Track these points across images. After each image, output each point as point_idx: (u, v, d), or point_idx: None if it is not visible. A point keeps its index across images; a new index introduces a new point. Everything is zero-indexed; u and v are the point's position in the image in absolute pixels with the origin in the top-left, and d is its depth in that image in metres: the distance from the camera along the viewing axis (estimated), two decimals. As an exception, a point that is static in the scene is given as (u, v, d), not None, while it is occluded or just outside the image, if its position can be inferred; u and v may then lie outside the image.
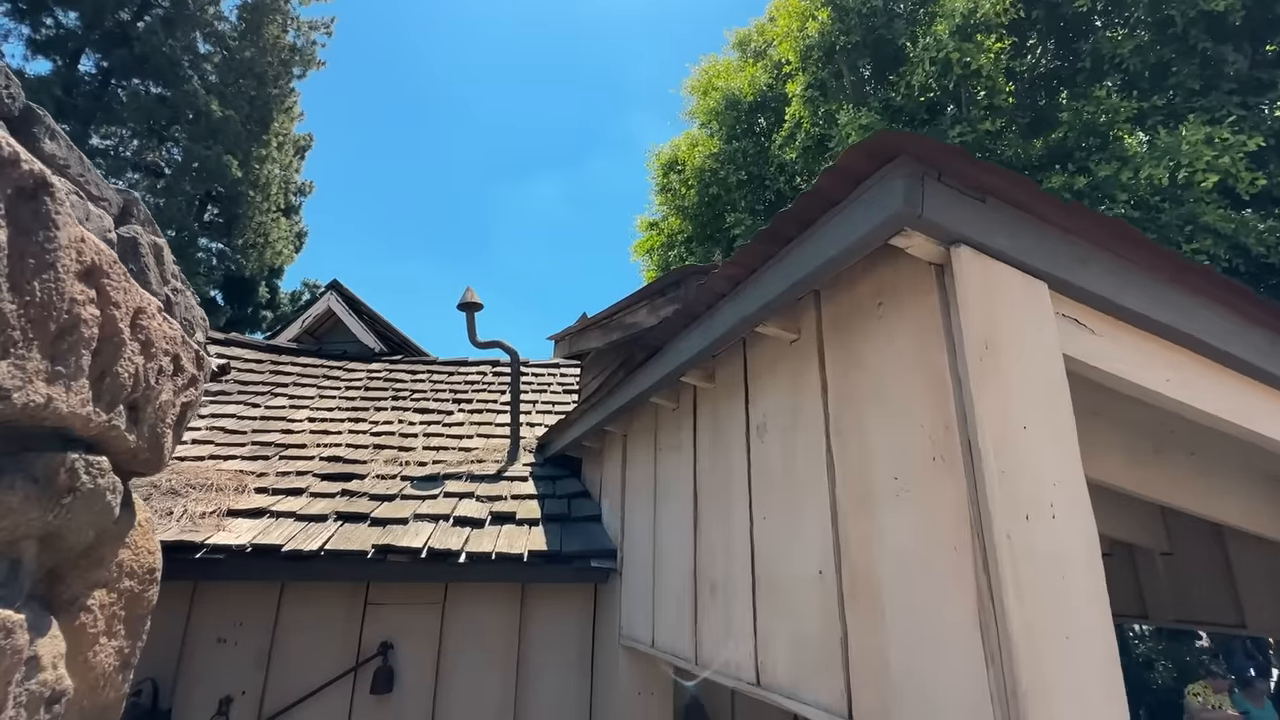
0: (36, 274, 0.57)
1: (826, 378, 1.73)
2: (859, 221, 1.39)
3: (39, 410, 0.59)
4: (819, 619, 1.61)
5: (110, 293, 0.69)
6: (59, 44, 18.14)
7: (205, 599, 3.11)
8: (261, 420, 4.61)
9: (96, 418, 0.69)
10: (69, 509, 0.67)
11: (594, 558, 3.16)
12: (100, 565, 0.82)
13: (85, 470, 0.68)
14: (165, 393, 0.87)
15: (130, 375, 0.75)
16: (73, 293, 0.62)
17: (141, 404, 0.80)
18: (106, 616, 0.83)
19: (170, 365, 0.87)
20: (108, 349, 0.70)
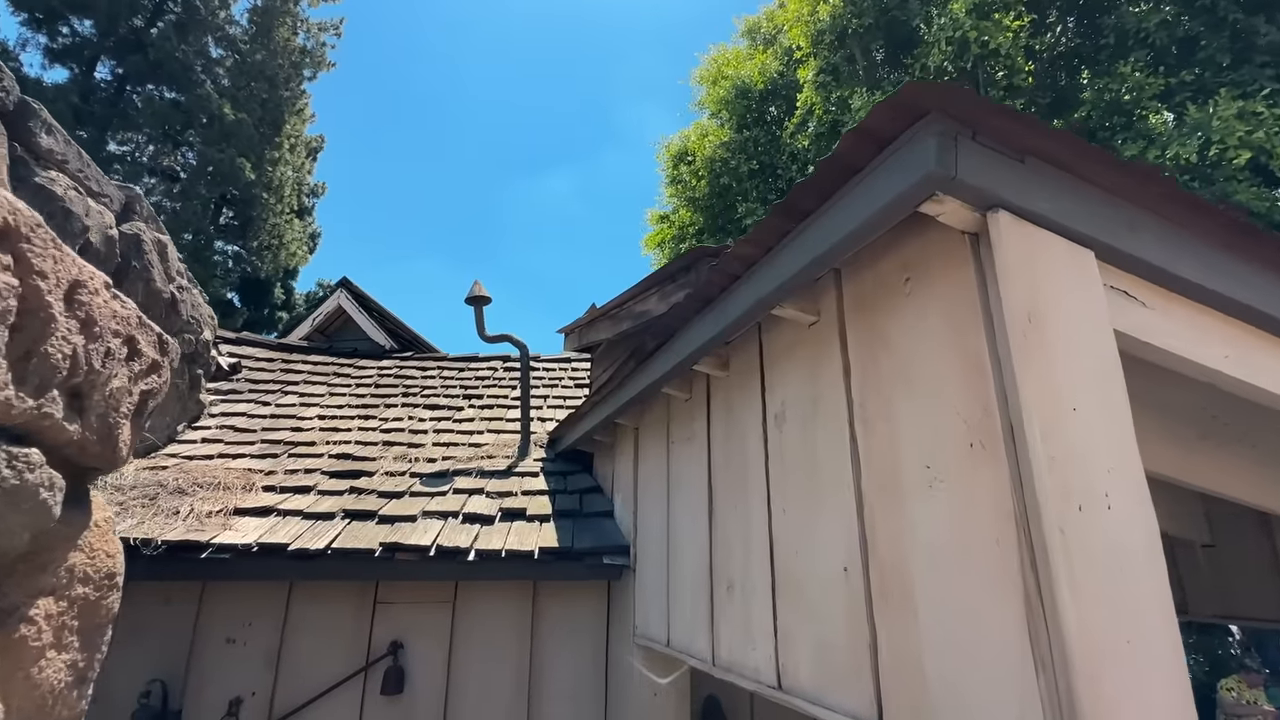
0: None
1: (849, 361, 1.62)
2: (885, 188, 1.27)
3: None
4: (845, 620, 1.50)
5: (32, 260, 0.60)
6: (75, 52, 18.36)
7: (214, 599, 3.07)
8: (271, 418, 4.58)
9: (20, 403, 0.60)
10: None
11: (606, 554, 3.07)
12: (44, 571, 0.73)
13: (7, 463, 0.60)
14: (118, 379, 0.78)
15: (65, 357, 0.66)
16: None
17: (86, 390, 0.72)
18: (55, 628, 0.75)
19: (123, 348, 0.78)
20: (32, 325, 0.61)
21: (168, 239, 3.83)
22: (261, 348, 6.05)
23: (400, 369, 6.05)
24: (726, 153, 11.16)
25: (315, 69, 21.56)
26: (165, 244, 3.83)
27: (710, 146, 11.53)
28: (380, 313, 7.17)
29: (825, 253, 1.46)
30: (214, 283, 18.69)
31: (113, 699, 2.85)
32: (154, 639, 2.96)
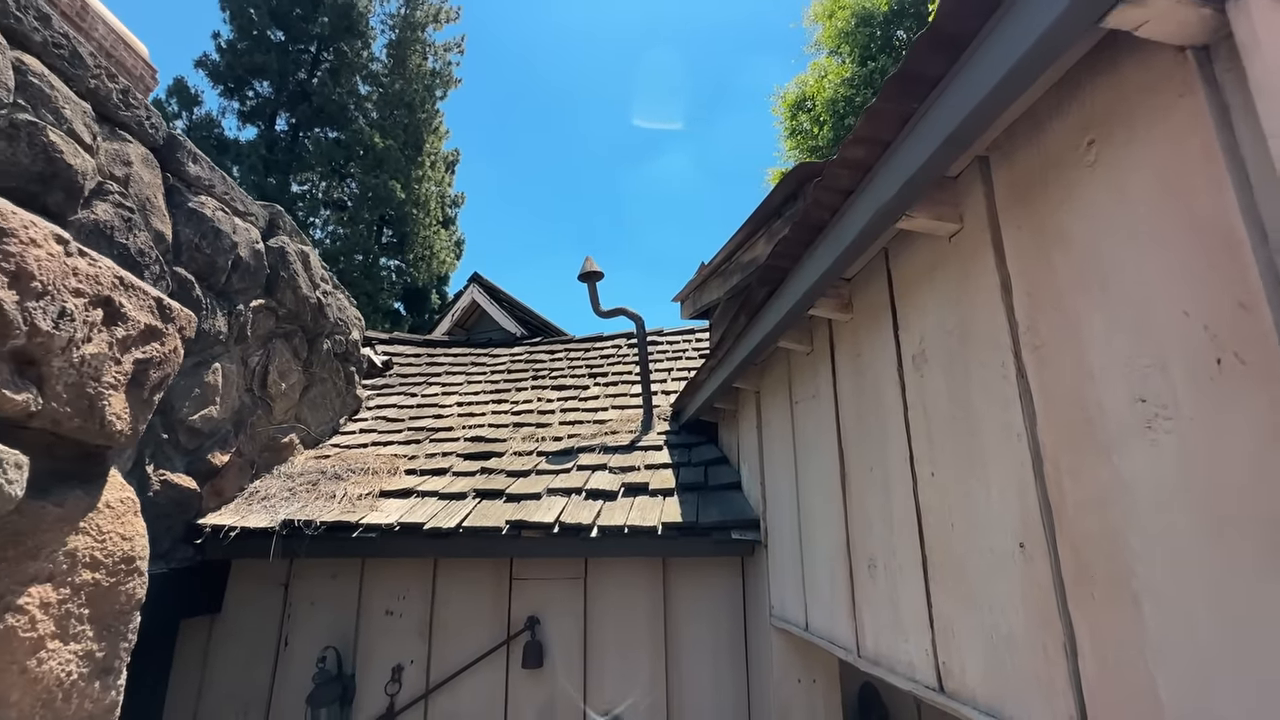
0: None
1: (1008, 274, 1.22)
2: (1045, 7, 0.88)
3: None
4: (1025, 611, 1.14)
5: (-98, 195, 0.51)
6: (260, 111, 21.42)
7: (372, 575, 3.32)
8: (417, 408, 4.91)
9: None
10: (-110, 487, 0.51)
11: (734, 528, 2.83)
12: (36, 556, 0.68)
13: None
14: (91, 345, 0.70)
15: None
16: None
17: (42, 355, 0.64)
18: (55, 616, 0.69)
19: (94, 310, 0.70)
20: (-81, 274, 0.52)
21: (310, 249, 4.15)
22: (409, 345, 6.56)
23: (530, 354, 6.23)
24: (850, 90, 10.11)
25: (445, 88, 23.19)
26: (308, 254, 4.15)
27: (831, 87, 10.52)
28: (510, 303, 7.47)
29: (963, 125, 1.08)
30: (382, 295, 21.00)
31: (295, 664, 3.19)
32: (326, 610, 3.27)
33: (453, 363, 6.09)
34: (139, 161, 2.64)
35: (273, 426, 3.74)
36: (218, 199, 3.13)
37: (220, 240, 3.07)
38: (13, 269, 0.61)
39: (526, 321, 7.33)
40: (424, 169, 22.39)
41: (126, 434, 0.78)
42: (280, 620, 3.29)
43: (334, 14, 20.99)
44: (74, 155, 2.22)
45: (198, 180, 3.01)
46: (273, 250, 3.58)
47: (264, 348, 3.61)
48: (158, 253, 2.67)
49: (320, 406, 4.24)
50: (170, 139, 2.87)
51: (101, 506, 0.76)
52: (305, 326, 3.96)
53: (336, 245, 20.91)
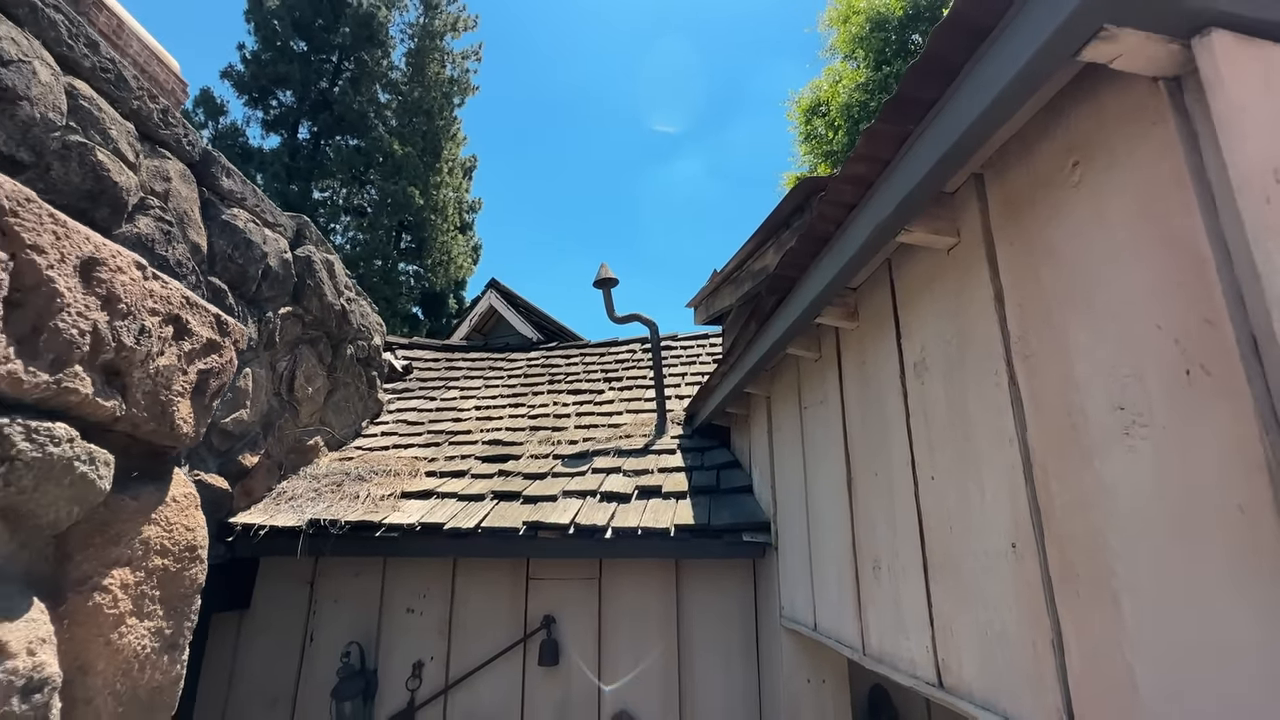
0: None
1: (1001, 286, 1.28)
2: (1026, 40, 0.95)
3: (-86, 365, 0.52)
4: (1016, 609, 1.19)
5: (23, 235, 0.61)
6: (283, 120, 21.89)
7: (393, 573, 3.43)
8: (436, 411, 5.03)
9: (32, 378, 0.62)
10: (11, 480, 0.60)
11: (746, 531, 2.89)
12: (117, 543, 0.77)
13: (25, 437, 0.61)
14: (164, 358, 0.80)
15: (84, 333, 0.67)
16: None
17: (123, 367, 0.73)
18: (133, 596, 0.79)
19: (165, 327, 0.80)
20: (35, 301, 0.62)
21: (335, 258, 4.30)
22: (429, 349, 6.70)
23: (546, 359, 6.34)
24: (864, 94, 10.12)
25: (463, 95, 23.52)
26: (333, 262, 4.30)
27: (845, 92, 10.54)
28: (527, 308, 7.59)
29: (957, 145, 1.15)
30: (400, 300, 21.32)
31: (320, 658, 3.30)
32: (349, 607, 3.38)
33: (471, 367, 6.22)
34: (177, 177, 2.78)
35: (299, 429, 3.87)
36: (249, 211, 3.27)
37: (251, 250, 3.20)
38: (104, 293, 0.71)
39: (542, 326, 7.44)
40: (442, 175, 22.69)
41: (191, 436, 0.87)
42: (306, 616, 3.41)
43: (355, 24, 21.41)
44: (119, 173, 2.36)
45: (231, 193, 3.15)
46: (300, 259, 3.72)
47: (291, 353, 3.75)
48: (194, 263, 2.80)
49: (344, 410, 4.37)
50: (205, 154, 3.01)
51: (169, 500, 0.86)
52: (330, 332, 4.10)
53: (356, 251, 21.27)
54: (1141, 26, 0.84)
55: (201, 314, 0.88)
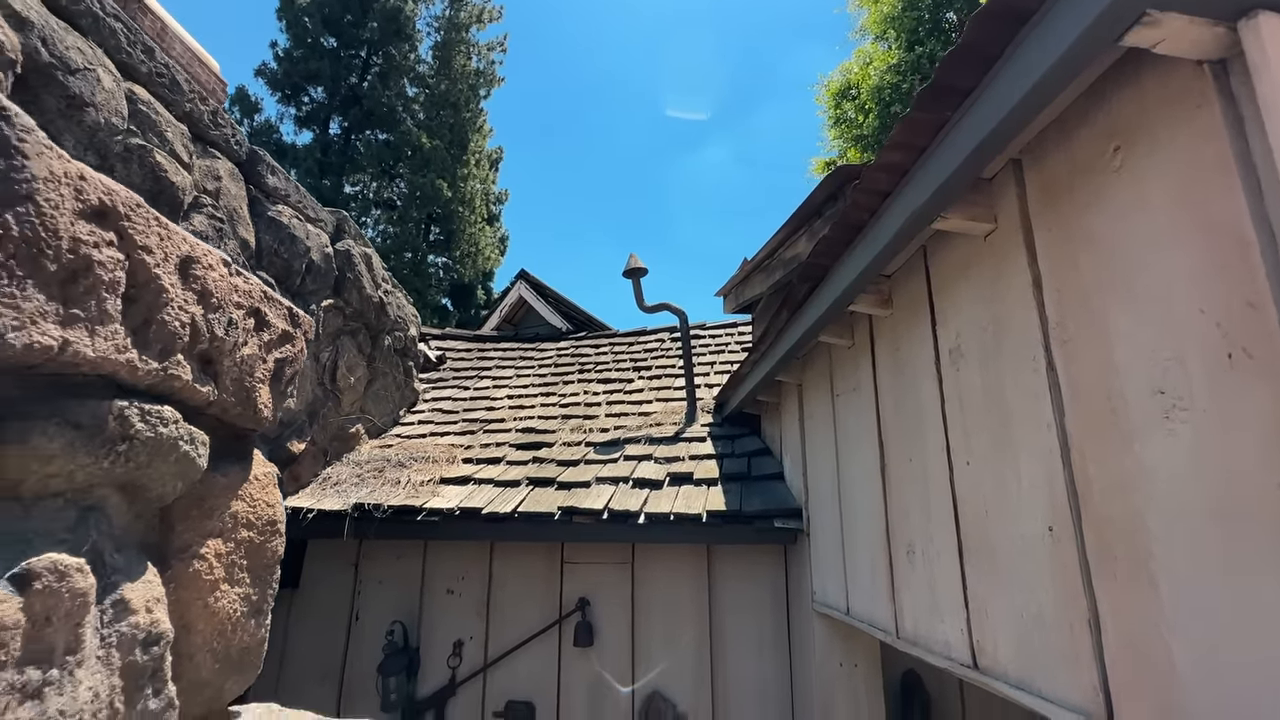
0: (7, 206, 0.55)
1: (1039, 272, 1.28)
2: (1067, 26, 0.95)
3: (53, 354, 0.58)
4: (1053, 591, 1.21)
5: (135, 236, 0.67)
6: (314, 116, 22.31)
7: (434, 556, 3.55)
8: (470, 400, 5.15)
9: (145, 365, 0.69)
10: (131, 457, 0.68)
11: (777, 517, 2.93)
12: (211, 516, 0.85)
13: (141, 418, 0.68)
14: (248, 347, 0.87)
15: (184, 325, 0.74)
16: (76, 232, 0.60)
17: (215, 356, 0.80)
18: (225, 564, 0.86)
19: (249, 319, 0.87)
20: (146, 295, 0.69)
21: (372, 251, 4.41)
22: (461, 340, 6.84)
23: (576, 348, 6.41)
24: (896, 76, 9.89)
25: (488, 87, 23.64)
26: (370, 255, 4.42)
27: (876, 74, 10.31)
28: (556, 298, 7.68)
29: (995, 132, 1.16)
30: (430, 292, 21.66)
31: (365, 637, 3.45)
32: (393, 588, 3.52)
33: (502, 357, 6.33)
34: (227, 176, 2.90)
35: (341, 417, 4.02)
36: (292, 207, 3.39)
37: (295, 245, 3.33)
38: (199, 289, 0.77)
39: (571, 316, 7.52)
40: (469, 167, 22.89)
41: (270, 419, 0.94)
42: (351, 596, 3.56)
43: (382, 19, 21.65)
44: (175, 173, 2.48)
45: (275, 191, 3.27)
46: (340, 253, 3.84)
47: (333, 344, 3.88)
48: (244, 258, 2.93)
49: (382, 399, 4.51)
50: (251, 153, 3.13)
51: (252, 478, 0.93)
52: (369, 324, 4.22)
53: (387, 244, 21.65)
54: (1185, 10, 0.85)
55: (276, 307, 0.95)
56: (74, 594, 0.62)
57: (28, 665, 0.57)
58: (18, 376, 0.58)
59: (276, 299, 0.96)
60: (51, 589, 0.59)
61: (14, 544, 0.58)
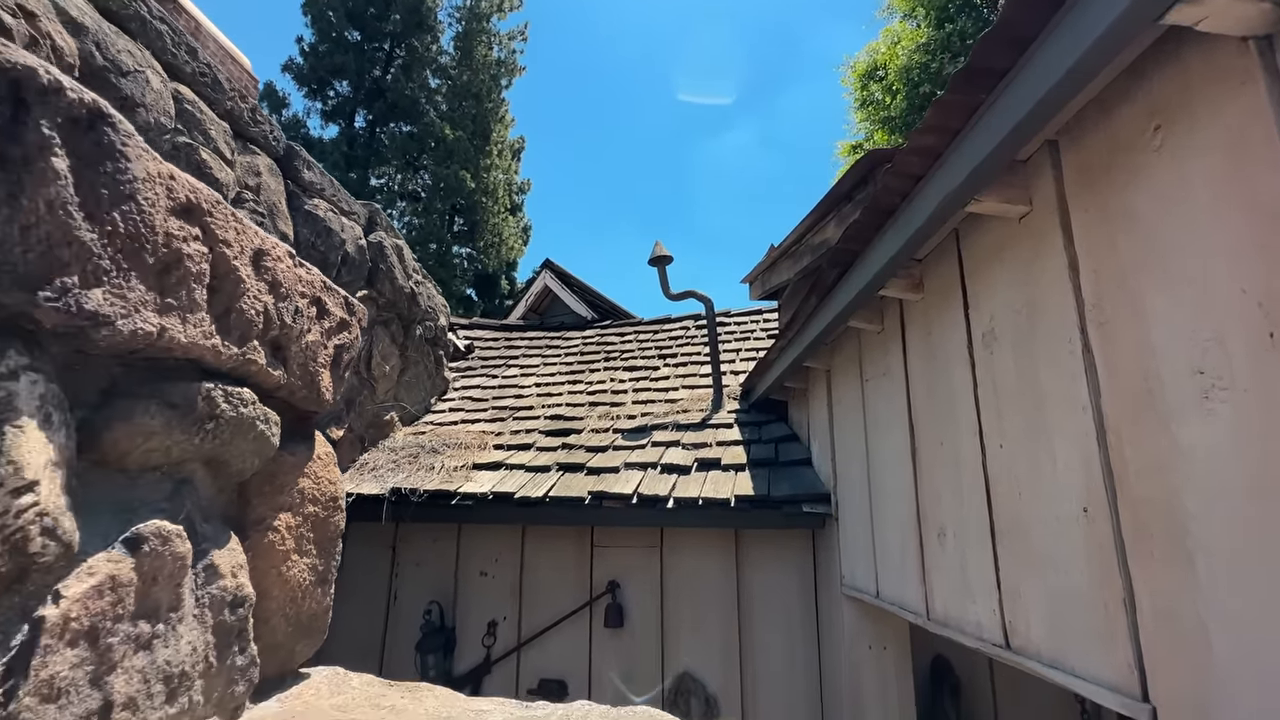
0: (114, 205, 0.60)
1: (1076, 254, 1.28)
2: (1106, 6, 0.95)
3: (156, 339, 0.64)
4: (1087, 571, 1.22)
5: (216, 230, 0.73)
6: (340, 110, 22.59)
7: (468, 539, 3.65)
8: (499, 388, 5.24)
9: (227, 350, 0.74)
10: (216, 434, 0.73)
11: (805, 502, 2.95)
12: (282, 491, 0.91)
13: (225, 399, 0.74)
14: (311, 334, 0.92)
15: (259, 313, 0.79)
16: (168, 228, 0.66)
17: (284, 342, 0.86)
18: (295, 536, 0.93)
19: (311, 308, 0.92)
20: (226, 286, 0.74)
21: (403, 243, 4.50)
22: (488, 329, 6.95)
23: (601, 337, 6.47)
24: (925, 55, 9.64)
25: (510, 77, 23.67)
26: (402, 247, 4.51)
27: (904, 54, 10.07)
28: (581, 287, 7.73)
29: (1031, 114, 1.15)
30: (455, 282, 21.91)
31: (403, 617, 3.57)
32: (429, 570, 3.63)
33: (529, 346, 6.42)
34: (266, 171, 2.99)
35: (376, 405, 4.13)
36: (328, 201, 3.48)
37: (331, 238, 3.42)
38: (270, 279, 0.83)
39: (596, 305, 7.57)
40: (492, 158, 22.99)
41: (330, 402, 1.00)
42: (390, 578, 3.69)
43: (404, 10, 21.76)
44: (220, 169, 2.57)
45: (311, 185, 3.36)
46: (372, 245, 3.93)
47: (368, 334, 3.99)
48: (284, 252, 3.03)
49: (414, 387, 4.62)
50: (289, 149, 3.22)
51: (315, 458, 0.99)
52: (401, 314, 4.32)
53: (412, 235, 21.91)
54: (1230, -14, 0.84)
55: (335, 296, 1.01)
56: (175, 557, 0.68)
57: (140, 619, 0.63)
58: (122, 361, 0.64)
59: (334, 288, 1.01)
60: (157, 552, 0.65)
61: (122, 511, 0.64)
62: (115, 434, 0.63)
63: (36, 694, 0.52)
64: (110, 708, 0.59)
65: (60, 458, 0.56)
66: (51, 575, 0.55)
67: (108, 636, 0.59)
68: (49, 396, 0.55)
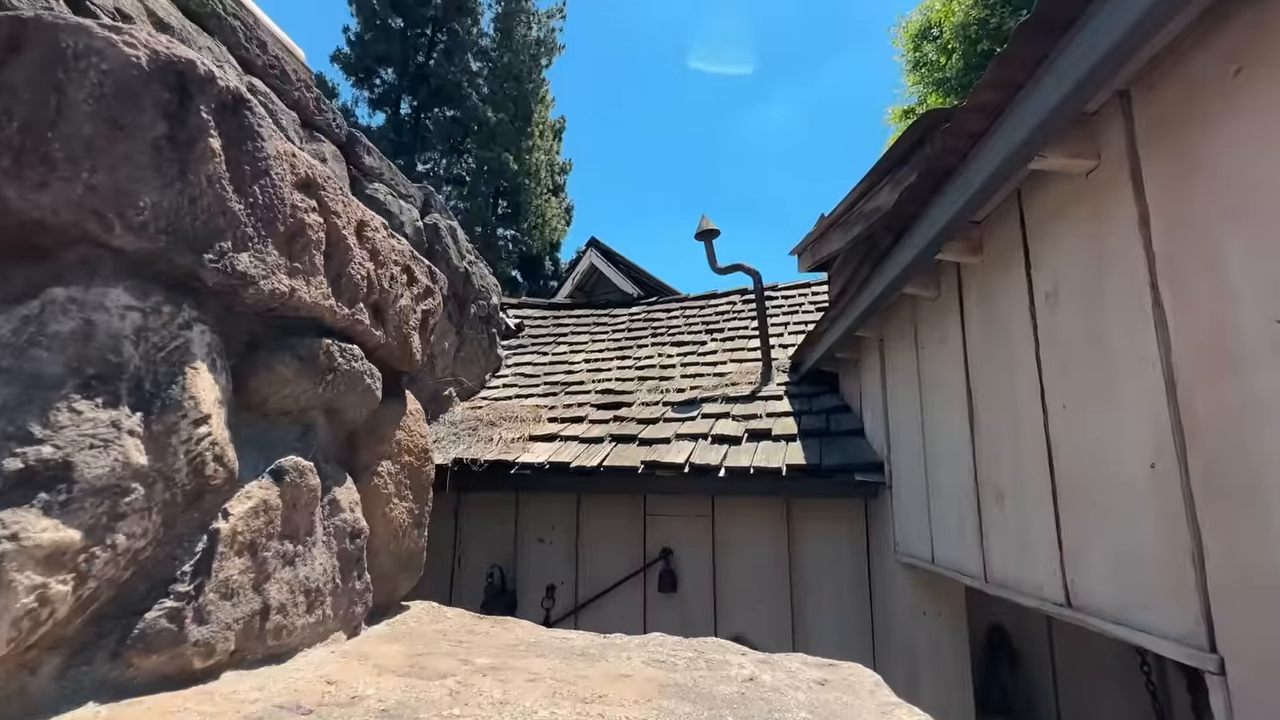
0: (254, 180, 0.68)
1: (1147, 207, 1.25)
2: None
3: (288, 299, 0.73)
4: (1154, 526, 1.21)
5: (329, 203, 0.81)
6: (386, 98, 23.08)
7: (525, 507, 3.81)
8: (549, 364, 5.38)
9: (340, 310, 0.83)
10: (334, 385, 0.83)
11: (857, 471, 2.95)
12: (383, 441, 1.01)
13: (340, 354, 0.83)
14: (404, 299, 1.01)
15: (363, 278, 0.88)
16: (293, 200, 0.74)
17: (384, 305, 0.95)
18: (395, 482, 1.03)
19: (403, 275, 1.01)
20: (337, 253, 0.83)
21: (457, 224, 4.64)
22: (536, 308, 7.10)
23: (648, 313, 6.52)
24: (984, 10, 9.13)
25: (549, 56, 23.63)
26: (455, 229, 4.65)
27: (961, 9, 9.56)
28: (626, 265, 7.78)
29: (1101, 65, 1.13)
30: (500, 264, 22.29)
31: (466, 580, 3.77)
32: (490, 535, 3.82)
33: (576, 323, 6.53)
34: (331, 158, 3.14)
35: (435, 380, 4.32)
36: (387, 184, 3.61)
37: (392, 221, 3.56)
38: (370, 248, 0.91)
39: (641, 282, 7.61)
40: (533, 139, 23.10)
41: (420, 362, 1.09)
42: (454, 544, 3.89)
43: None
44: (291, 157, 2.72)
45: (372, 170, 3.50)
46: (428, 227, 4.07)
47: (426, 313, 4.16)
48: (350, 234, 3.18)
49: (470, 364, 4.79)
50: (350, 135, 3.35)
51: (407, 413, 1.09)
52: (456, 293, 4.47)
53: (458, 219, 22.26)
54: (1320, -83, 0.81)
55: (420, 265, 1.09)
56: (308, 489, 0.78)
57: (285, 539, 0.73)
58: (260, 318, 0.73)
59: (419, 258, 1.09)
60: (295, 483, 0.75)
61: (264, 448, 0.73)
62: (258, 381, 0.72)
63: (216, 591, 0.62)
64: (268, 610, 0.69)
65: (223, 398, 0.65)
66: (220, 497, 0.65)
67: (263, 551, 0.69)
68: (214, 345, 0.65)
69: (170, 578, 0.59)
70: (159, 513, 0.58)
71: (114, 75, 0.55)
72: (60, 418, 0.50)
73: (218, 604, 0.63)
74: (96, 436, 0.52)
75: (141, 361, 0.57)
